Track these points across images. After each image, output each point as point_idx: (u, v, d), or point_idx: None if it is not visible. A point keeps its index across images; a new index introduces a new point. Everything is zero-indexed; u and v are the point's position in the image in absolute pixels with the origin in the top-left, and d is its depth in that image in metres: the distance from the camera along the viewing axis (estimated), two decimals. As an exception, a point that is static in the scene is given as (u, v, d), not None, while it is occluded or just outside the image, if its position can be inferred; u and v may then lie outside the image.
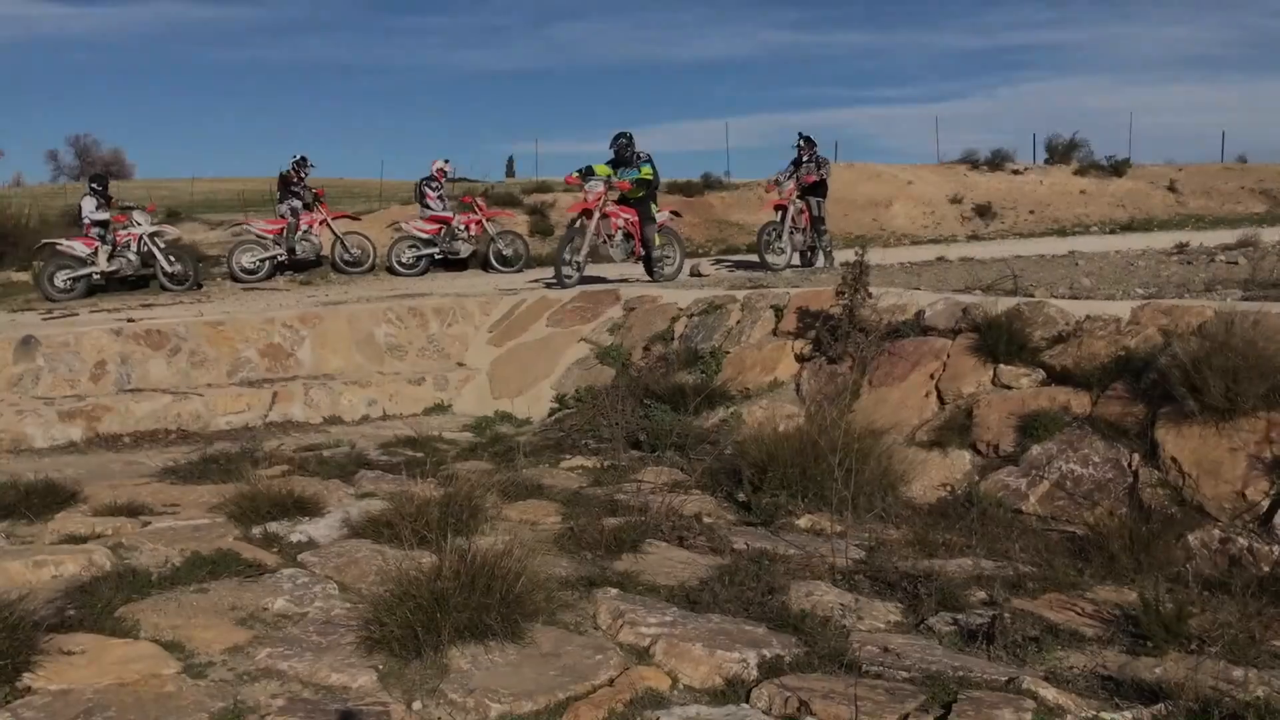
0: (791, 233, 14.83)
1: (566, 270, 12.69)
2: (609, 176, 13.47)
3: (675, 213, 14.89)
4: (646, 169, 13.30)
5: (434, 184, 17.69)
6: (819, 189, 15.21)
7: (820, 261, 15.09)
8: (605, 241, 13.24)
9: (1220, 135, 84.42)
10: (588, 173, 13.33)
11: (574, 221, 13.40)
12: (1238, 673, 3.87)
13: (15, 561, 5.10)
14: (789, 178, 15.19)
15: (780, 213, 14.80)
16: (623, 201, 13.53)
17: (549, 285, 12.75)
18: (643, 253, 13.49)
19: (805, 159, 15.27)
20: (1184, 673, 3.79)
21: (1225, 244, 13.12)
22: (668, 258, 13.76)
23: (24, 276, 16.10)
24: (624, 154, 13.37)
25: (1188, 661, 3.95)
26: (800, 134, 15.56)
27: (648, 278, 13.46)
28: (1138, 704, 3.64)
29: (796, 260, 15.19)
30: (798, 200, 14.89)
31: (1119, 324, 6.93)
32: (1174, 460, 5.84)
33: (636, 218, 13.41)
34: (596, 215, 13.08)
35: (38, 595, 4.63)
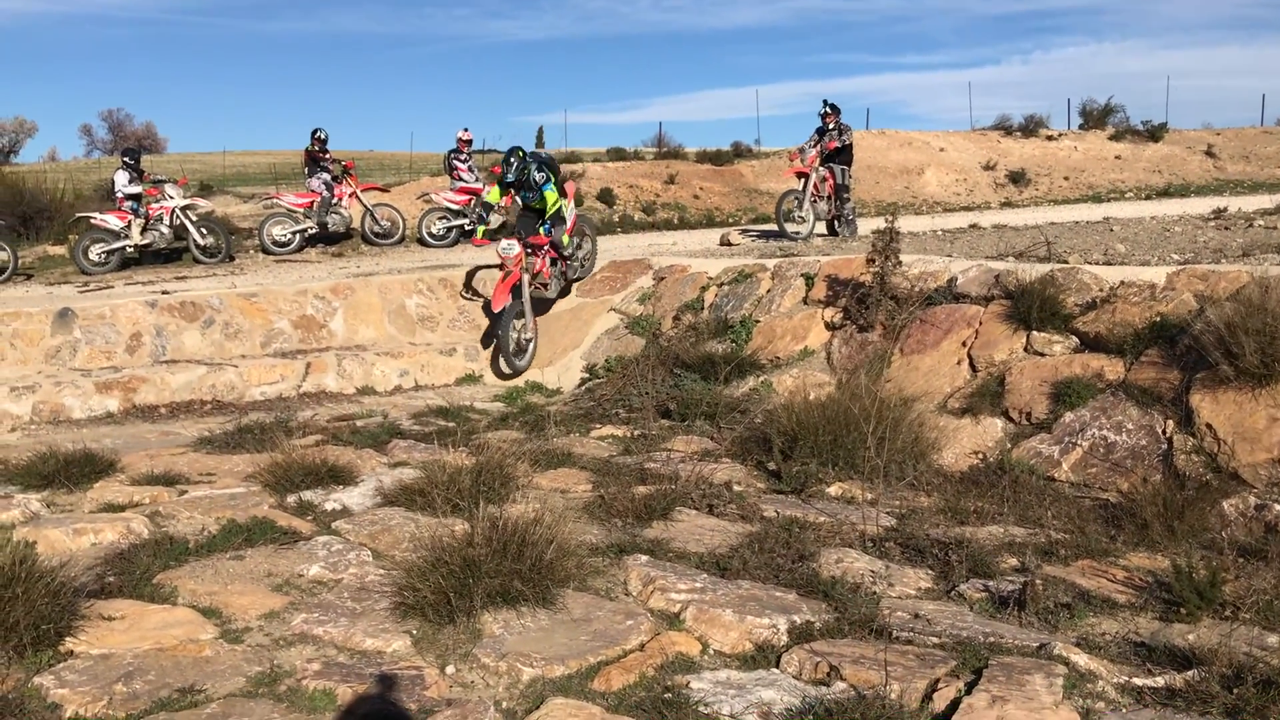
0: (814, 201, 14.51)
1: (519, 362, 10.42)
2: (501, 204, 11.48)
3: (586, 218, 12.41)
4: (551, 193, 10.65)
5: (461, 154, 17.68)
6: (842, 155, 14.92)
7: (842, 231, 14.87)
8: (538, 289, 10.75)
9: (1260, 98, 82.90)
10: (486, 209, 11.60)
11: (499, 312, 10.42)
12: (1272, 639, 3.86)
13: (56, 530, 5.19)
14: (813, 146, 15.01)
15: (802, 180, 14.63)
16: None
17: (501, 376, 10.61)
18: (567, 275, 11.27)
19: (830, 126, 14.94)
20: (1217, 639, 3.78)
21: (1264, 209, 12.90)
22: (586, 258, 11.65)
23: (60, 250, 16.26)
24: (521, 177, 10.69)
25: (1221, 628, 3.94)
26: (825, 101, 15.16)
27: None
28: (1170, 670, 3.63)
29: (821, 229, 14.94)
30: (820, 168, 14.66)
31: (1154, 289, 6.85)
32: (1209, 426, 5.79)
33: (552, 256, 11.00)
34: (525, 279, 10.44)
35: (78, 562, 4.72)
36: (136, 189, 15.15)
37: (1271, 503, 5.29)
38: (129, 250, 14.91)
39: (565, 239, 10.87)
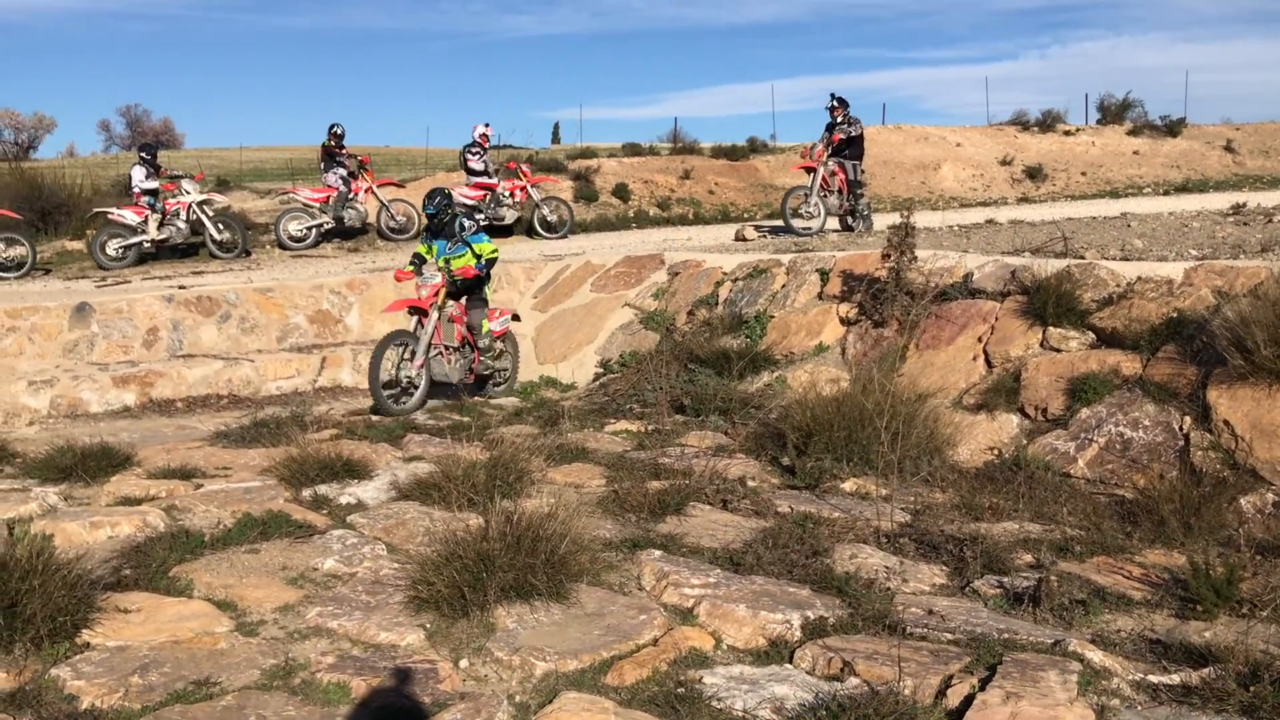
0: (824, 196, 14.41)
1: (392, 402, 8.69)
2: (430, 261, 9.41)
3: (515, 316, 10.47)
4: (485, 244, 9.29)
5: (476, 149, 17.69)
6: (853, 149, 14.78)
7: (856, 225, 14.71)
8: (441, 354, 9.10)
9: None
10: (419, 260, 9.34)
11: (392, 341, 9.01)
12: (1289, 637, 3.83)
13: (73, 523, 5.22)
14: (825, 140, 14.94)
15: (810, 175, 14.51)
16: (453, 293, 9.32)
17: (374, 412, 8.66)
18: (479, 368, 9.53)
19: (839, 120, 14.80)
20: (1234, 637, 3.75)
21: (1283, 204, 12.81)
22: (502, 370, 9.93)
23: (78, 245, 16.35)
24: (442, 218, 9.32)
25: (1238, 625, 3.91)
26: (832, 94, 15.05)
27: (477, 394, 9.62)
28: (1186, 667, 3.61)
29: (834, 224, 14.81)
30: (829, 162, 14.52)
31: (1171, 285, 6.81)
32: (1226, 423, 5.75)
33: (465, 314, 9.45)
34: (434, 317, 8.97)
35: (95, 555, 4.75)
36: (154, 184, 15.23)
37: (1289, 500, 5.25)
38: (146, 245, 14.99)
39: (485, 325, 9.40)
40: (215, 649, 3.93)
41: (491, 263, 9.39)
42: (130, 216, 14.90)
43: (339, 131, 16.96)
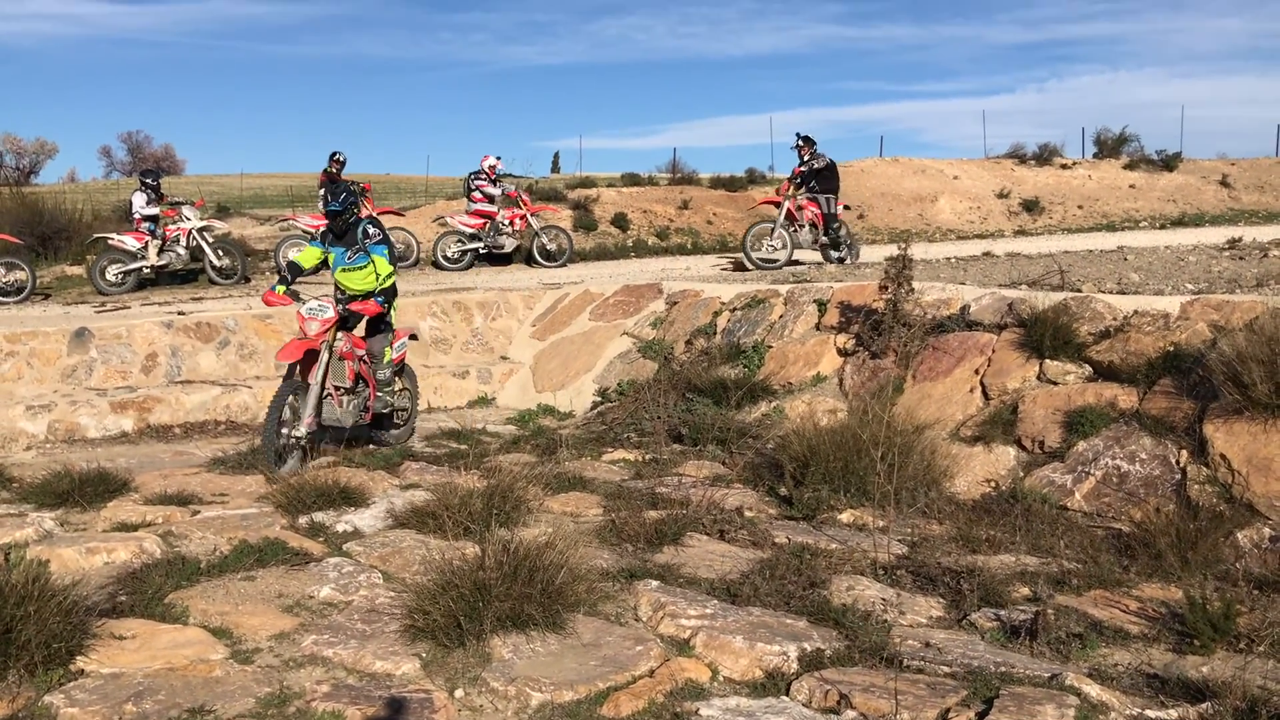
0: (793, 230, 14.38)
1: (277, 464, 7.21)
2: (321, 267, 8.30)
3: (414, 335, 9.14)
4: (384, 262, 7.86)
5: (482, 177, 17.75)
6: (826, 183, 14.69)
7: (846, 258, 14.67)
8: (331, 396, 7.70)
9: (1275, 129, 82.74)
10: (294, 271, 7.96)
11: (292, 370, 7.71)
12: (1286, 672, 3.82)
13: (69, 548, 5.20)
14: (797, 173, 15.03)
15: (778, 209, 14.47)
16: (344, 324, 7.84)
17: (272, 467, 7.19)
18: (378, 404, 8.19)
19: (805, 158, 14.84)
20: (1231, 672, 3.75)
21: (1278, 239, 12.86)
22: (401, 409, 8.64)
23: (78, 270, 16.37)
24: (346, 218, 7.95)
25: (1235, 660, 3.91)
26: (798, 134, 15.10)
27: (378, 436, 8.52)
28: (1183, 702, 3.60)
29: (801, 256, 14.73)
30: (798, 196, 14.47)
31: (1167, 319, 6.84)
32: (1223, 457, 5.76)
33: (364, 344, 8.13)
34: (325, 359, 7.58)
35: (90, 581, 4.74)
36: (154, 210, 15.27)
37: (1286, 534, 5.25)
38: (145, 271, 15.01)
39: (387, 354, 8.17)
40: (210, 676, 3.92)
41: (390, 292, 8.02)
42: (130, 242, 14.92)
43: (341, 159, 17.06)
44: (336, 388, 7.70)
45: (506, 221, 17.45)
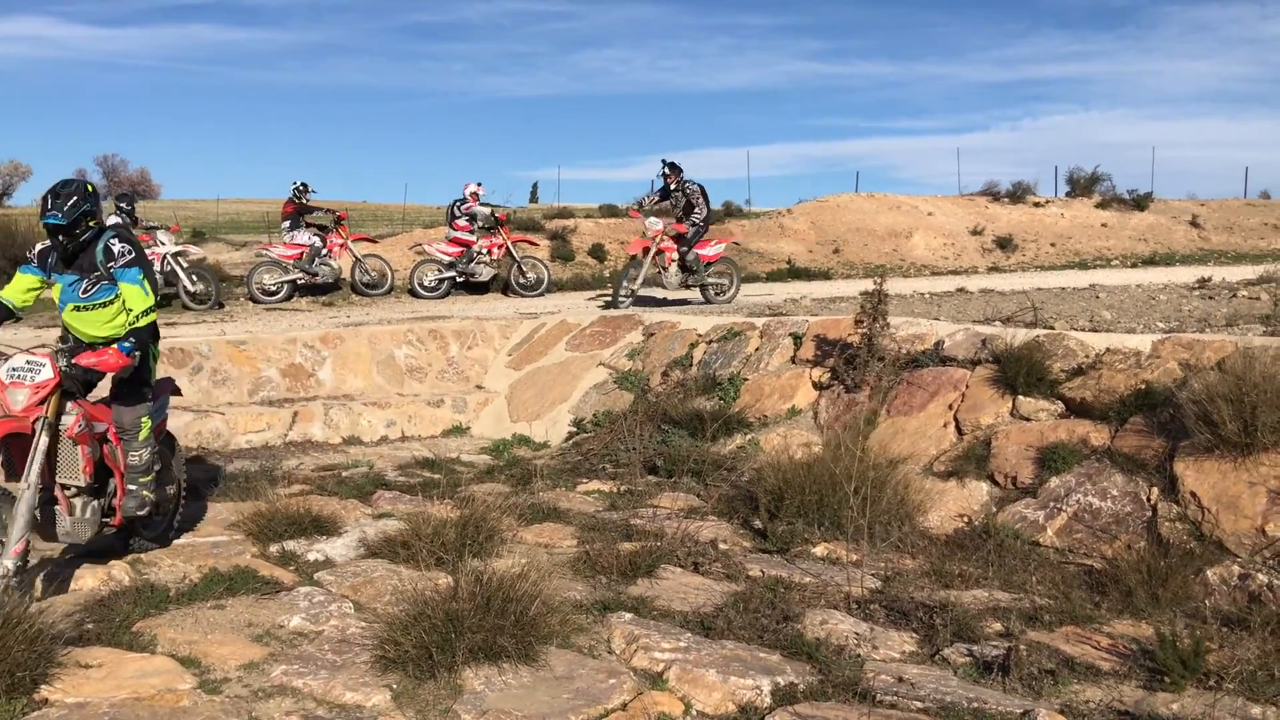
0: (659, 271, 14.33)
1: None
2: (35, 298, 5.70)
3: (177, 390, 6.51)
4: (138, 292, 5.42)
5: (464, 205, 17.76)
6: (689, 214, 14.42)
7: (717, 297, 14.56)
8: (59, 501, 5.26)
9: (1244, 171, 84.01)
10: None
11: None
12: (1256, 710, 3.85)
13: (35, 576, 5.13)
14: (653, 204, 14.96)
15: (643, 253, 14.44)
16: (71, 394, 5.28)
17: None
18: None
19: (672, 188, 14.63)
20: (1201, 709, 3.77)
21: (1247, 279, 13.04)
22: (164, 502, 5.98)
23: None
24: (77, 234, 5.39)
25: (1205, 698, 3.93)
26: (664, 161, 14.71)
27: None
28: (1154, 739, 3.61)
29: (683, 295, 14.82)
30: (663, 240, 14.36)
31: (1139, 357, 6.91)
32: (1193, 494, 5.81)
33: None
34: (42, 444, 5.03)
35: (57, 609, 4.67)
36: (129, 235, 15.19)
37: (1255, 572, 5.30)
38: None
39: (145, 426, 5.56)
40: (177, 706, 3.87)
41: (149, 329, 5.48)
42: (104, 266, 14.83)
43: (300, 186, 17.10)
44: (65, 487, 5.27)
45: (484, 250, 17.47)
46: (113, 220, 15.29)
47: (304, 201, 17.02)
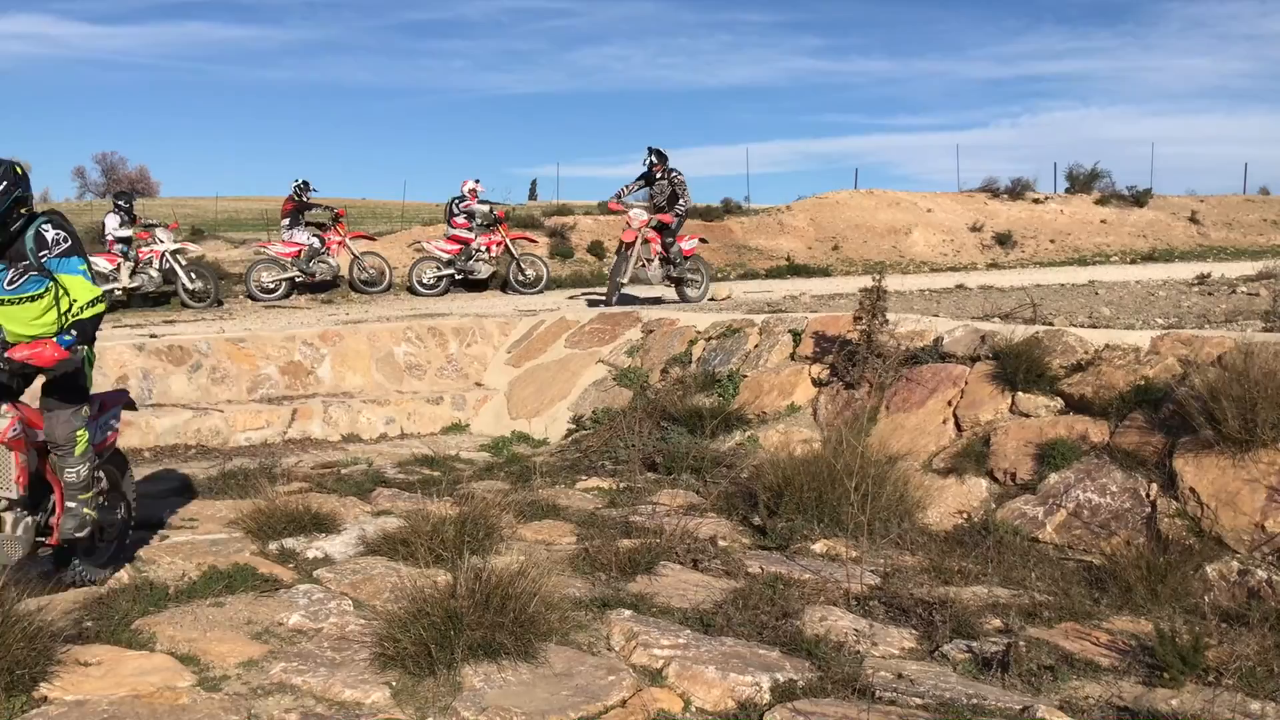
0: (642, 265, 14.04)
1: None
2: None
3: (130, 403, 6.32)
4: (80, 283, 4.91)
5: (463, 202, 17.74)
6: (672, 205, 14.26)
7: (690, 293, 14.35)
8: None
9: (1243, 167, 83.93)
10: None
11: None
12: (1255, 705, 3.85)
13: (34, 573, 5.13)
14: (631, 191, 14.56)
15: (627, 247, 14.13)
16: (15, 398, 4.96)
17: None
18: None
19: (658, 176, 14.29)
20: (1200, 705, 3.77)
21: (1246, 275, 13.04)
22: (110, 524, 5.50)
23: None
24: (4, 223, 4.81)
25: (1204, 694, 3.93)
26: (650, 148, 14.35)
27: None
28: (1153, 735, 3.61)
29: (665, 291, 14.59)
30: (648, 231, 14.11)
31: (1138, 353, 6.91)
32: (1192, 491, 5.81)
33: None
34: None
35: (55, 607, 4.66)
36: (127, 232, 15.21)
37: (1254, 568, 5.30)
38: (117, 293, 14.92)
39: (83, 438, 5.06)
40: (176, 704, 3.87)
41: (94, 323, 4.92)
42: (103, 264, 14.83)
43: (301, 184, 17.08)
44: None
45: (483, 248, 17.46)
46: (110, 217, 15.31)
47: (304, 199, 17.02)
